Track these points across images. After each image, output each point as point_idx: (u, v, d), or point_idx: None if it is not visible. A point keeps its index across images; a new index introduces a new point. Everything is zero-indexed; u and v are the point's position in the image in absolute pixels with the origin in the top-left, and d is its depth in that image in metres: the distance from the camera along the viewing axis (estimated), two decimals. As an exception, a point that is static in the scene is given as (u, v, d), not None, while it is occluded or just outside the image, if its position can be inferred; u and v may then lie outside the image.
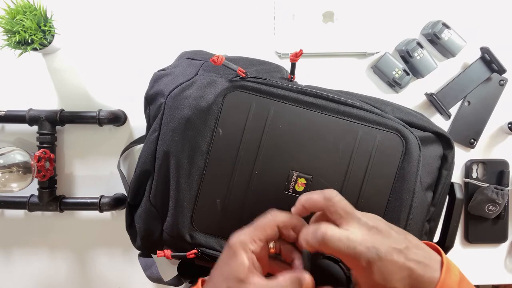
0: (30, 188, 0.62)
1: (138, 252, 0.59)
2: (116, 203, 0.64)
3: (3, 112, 0.63)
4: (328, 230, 0.37)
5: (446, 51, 0.65)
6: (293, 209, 0.42)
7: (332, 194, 0.40)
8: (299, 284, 0.38)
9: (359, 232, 0.37)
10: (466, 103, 0.66)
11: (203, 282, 0.44)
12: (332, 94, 0.50)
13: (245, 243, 0.39)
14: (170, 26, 0.67)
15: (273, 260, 0.43)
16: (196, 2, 0.67)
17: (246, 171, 0.49)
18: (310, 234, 0.38)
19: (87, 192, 0.66)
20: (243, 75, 0.50)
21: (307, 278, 0.38)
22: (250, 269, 0.38)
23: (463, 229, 0.67)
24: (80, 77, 0.66)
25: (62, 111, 0.63)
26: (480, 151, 0.67)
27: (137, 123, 0.66)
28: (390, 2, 0.66)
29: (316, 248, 0.38)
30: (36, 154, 0.60)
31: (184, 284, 0.61)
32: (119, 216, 0.67)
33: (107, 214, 0.67)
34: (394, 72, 0.64)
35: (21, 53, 0.58)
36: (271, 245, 0.42)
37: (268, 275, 0.43)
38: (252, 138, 0.49)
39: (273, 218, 0.41)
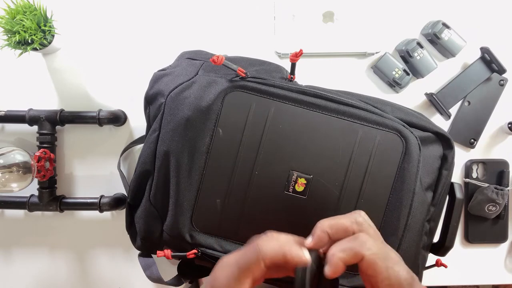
0: (30, 188, 0.62)
1: (138, 252, 0.59)
2: (116, 203, 0.64)
3: (3, 112, 0.63)
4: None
5: (446, 51, 0.65)
6: (311, 239, 0.37)
7: (360, 220, 0.38)
8: None
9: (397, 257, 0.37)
10: (466, 103, 0.66)
11: None
12: (332, 94, 0.50)
13: None
14: (170, 26, 0.67)
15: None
16: (196, 2, 0.67)
17: (246, 171, 0.49)
18: (356, 243, 0.36)
19: (87, 192, 0.66)
20: (243, 75, 0.50)
21: None
22: None
23: (463, 229, 0.67)
24: (80, 77, 0.66)
25: (62, 111, 0.63)
26: (480, 151, 0.67)
27: (137, 123, 0.66)
28: (390, 2, 0.66)
29: (353, 261, 0.35)
30: (36, 154, 0.60)
31: (184, 284, 0.61)
32: (119, 216, 0.67)
33: (107, 214, 0.67)
34: (394, 72, 0.64)
35: (21, 53, 0.58)
36: None
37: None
38: (252, 138, 0.49)
39: (258, 257, 0.35)
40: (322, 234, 0.37)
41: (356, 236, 0.36)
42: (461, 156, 0.67)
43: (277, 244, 0.36)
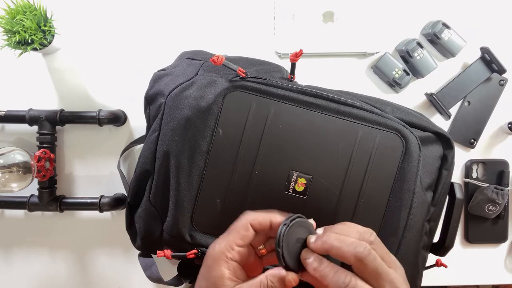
0: (30, 188, 0.62)
1: (138, 252, 0.59)
2: (116, 203, 0.64)
3: (3, 112, 0.63)
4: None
5: (446, 51, 0.65)
6: (314, 241, 0.38)
7: (365, 254, 0.35)
8: (282, 282, 0.37)
9: None
10: (466, 103, 0.66)
11: None
12: (332, 94, 0.50)
13: (222, 252, 0.38)
14: (170, 26, 0.67)
15: (267, 256, 0.43)
16: (196, 2, 0.67)
17: (246, 171, 0.49)
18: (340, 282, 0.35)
19: (87, 192, 0.66)
20: (243, 75, 0.50)
21: (290, 274, 0.37)
22: (231, 279, 0.37)
23: (463, 229, 0.67)
24: (80, 77, 0.66)
25: (62, 111, 0.63)
26: (480, 151, 0.67)
27: (137, 123, 0.66)
28: (390, 2, 0.66)
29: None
30: (36, 154, 0.60)
31: (184, 284, 0.61)
32: (119, 216, 0.67)
33: (107, 214, 0.67)
34: (394, 72, 0.64)
35: (21, 53, 0.58)
36: (261, 246, 0.42)
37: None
38: (252, 138, 0.49)
39: (245, 218, 0.40)
40: (324, 245, 0.37)
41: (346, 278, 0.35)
42: (461, 156, 0.67)
43: (263, 211, 0.40)
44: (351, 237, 0.36)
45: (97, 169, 0.66)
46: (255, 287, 0.37)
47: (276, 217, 0.40)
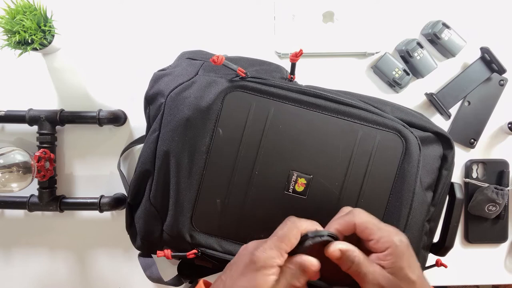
0: (30, 188, 0.62)
1: (138, 252, 0.59)
2: (116, 203, 0.64)
3: (3, 112, 0.63)
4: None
5: (446, 51, 0.65)
6: (338, 223, 0.41)
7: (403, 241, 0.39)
8: (302, 268, 0.38)
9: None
10: (466, 103, 0.66)
11: (207, 285, 0.43)
12: (332, 94, 0.50)
13: (272, 258, 0.38)
14: (170, 26, 0.67)
15: None
16: (196, 2, 0.67)
17: (246, 171, 0.49)
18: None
19: (87, 192, 0.66)
20: (243, 75, 0.50)
21: (308, 258, 0.39)
22: (273, 286, 0.37)
23: (463, 229, 0.67)
24: (80, 77, 0.66)
25: (62, 111, 0.63)
26: (480, 151, 0.67)
27: (137, 123, 0.66)
28: (390, 2, 0.66)
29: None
30: (36, 154, 0.60)
31: (184, 284, 0.61)
32: (119, 216, 0.67)
33: (107, 214, 0.66)
34: (394, 72, 0.64)
35: (21, 53, 0.58)
36: None
37: None
38: (252, 138, 0.49)
39: (295, 226, 0.39)
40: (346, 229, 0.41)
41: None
42: (461, 156, 0.67)
43: (308, 220, 0.41)
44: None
45: (97, 169, 0.66)
46: (282, 282, 0.38)
47: (319, 226, 0.41)
